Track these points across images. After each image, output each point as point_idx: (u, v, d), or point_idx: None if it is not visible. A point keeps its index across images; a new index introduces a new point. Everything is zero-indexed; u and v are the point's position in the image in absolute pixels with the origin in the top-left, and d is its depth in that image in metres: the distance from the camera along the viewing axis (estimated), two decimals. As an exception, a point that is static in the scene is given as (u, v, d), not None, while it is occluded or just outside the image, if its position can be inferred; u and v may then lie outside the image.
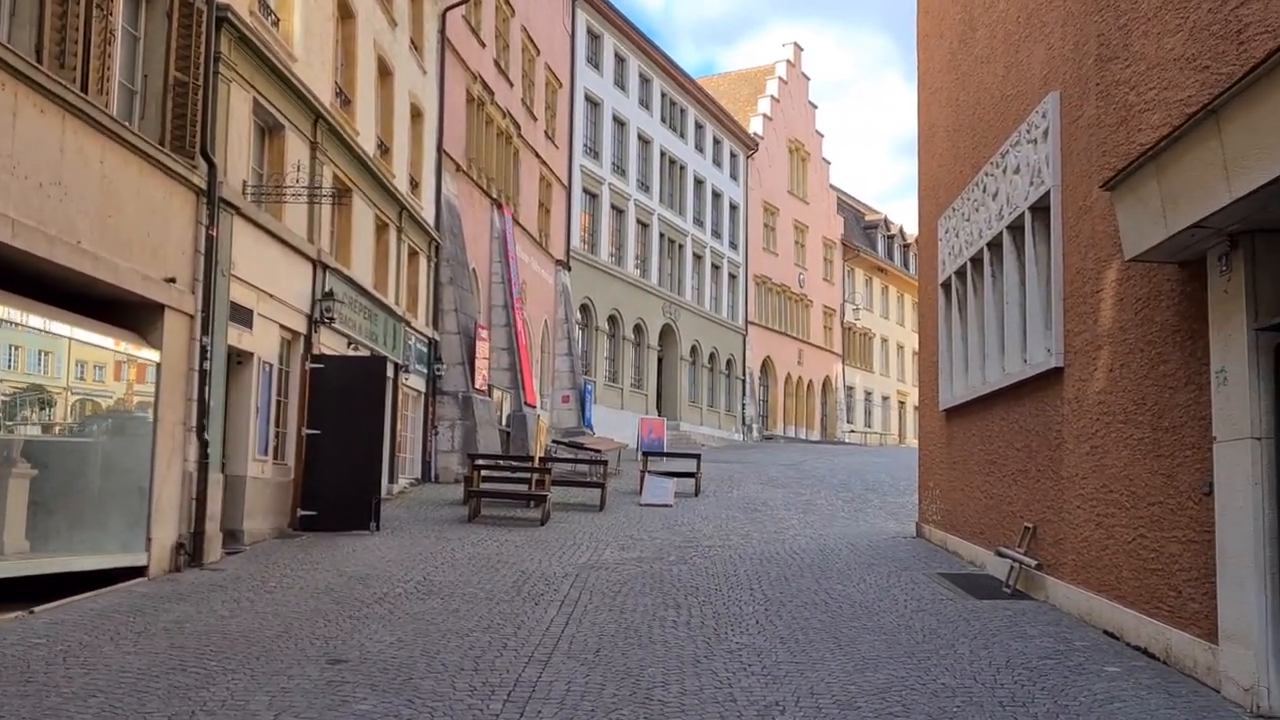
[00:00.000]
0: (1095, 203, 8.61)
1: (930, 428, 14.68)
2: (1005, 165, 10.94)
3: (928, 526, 14.58)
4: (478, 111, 25.72)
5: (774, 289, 52.21)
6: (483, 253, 25.99)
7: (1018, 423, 10.64)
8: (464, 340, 22.87)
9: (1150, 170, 6.48)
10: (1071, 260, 9.16)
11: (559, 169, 33.11)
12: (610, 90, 37.62)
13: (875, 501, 21.35)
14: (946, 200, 13.71)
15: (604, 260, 36.57)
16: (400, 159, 19.70)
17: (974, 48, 12.58)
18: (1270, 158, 5.23)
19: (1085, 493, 8.73)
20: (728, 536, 15.23)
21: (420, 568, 11.61)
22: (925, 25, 15.36)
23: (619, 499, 19.77)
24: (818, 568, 12.08)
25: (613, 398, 36.59)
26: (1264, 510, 6.02)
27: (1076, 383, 9.01)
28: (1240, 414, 6.18)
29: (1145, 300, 7.65)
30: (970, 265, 12.41)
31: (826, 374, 57.67)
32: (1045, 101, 9.71)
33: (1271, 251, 6.14)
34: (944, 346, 13.63)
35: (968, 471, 12.56)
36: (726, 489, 22.55)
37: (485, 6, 26.39)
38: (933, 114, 14.79)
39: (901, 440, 66.17)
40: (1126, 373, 7.95)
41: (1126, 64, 6.71)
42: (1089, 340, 8.76)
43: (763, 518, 17.83)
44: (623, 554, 13.17)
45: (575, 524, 16.17)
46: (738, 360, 48.05)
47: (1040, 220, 10.11)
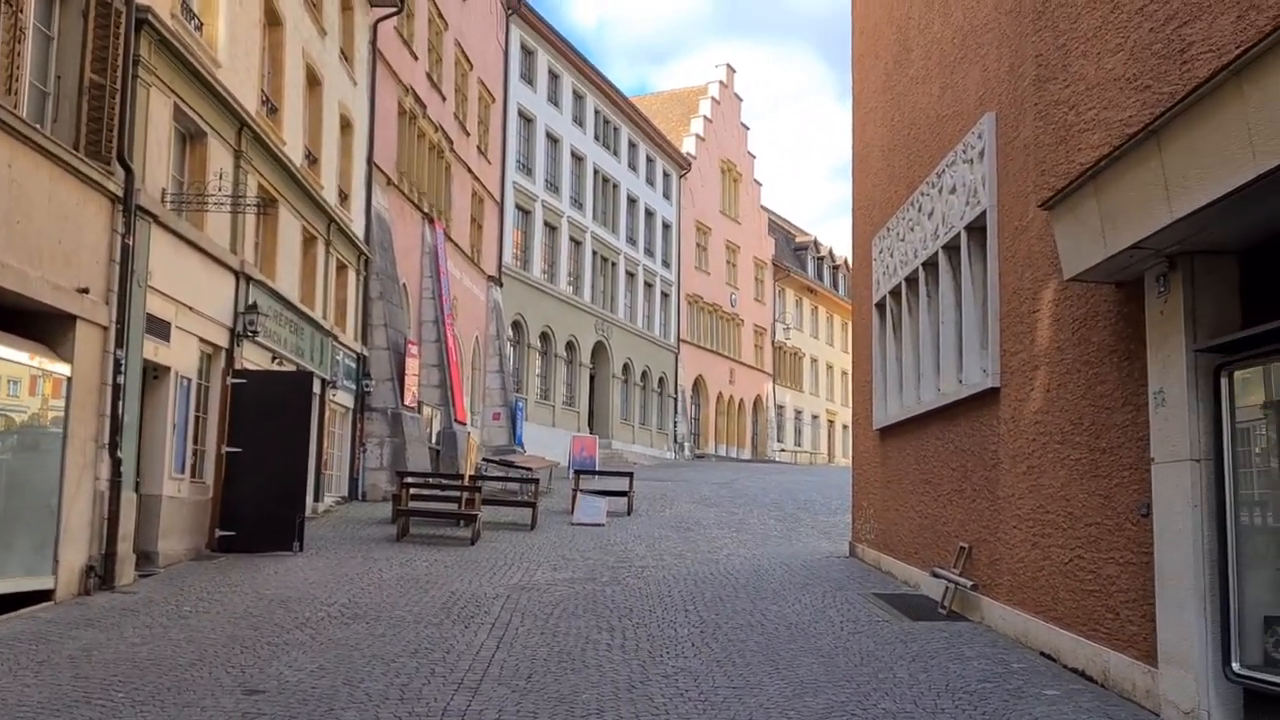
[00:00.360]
0: (1032, 222, 8.60)
1: (864, 447, 14.65)
2: (941, 185, 10.94)
3: (861, 546, 14.53)
4: (409, 124, 25.36)
5: (706, 308, 52.32)
6: (413, 267, 25.59)
7: (953, 442, 10.61)
8: (393, 356, 22.45)
9: (1090, 190, 6.45)
10: (1008, 280, 9.15)
11: (491, 184, 32.81)
12: (544, 107, 37.43)
13: (807, 520, 21.33)
14: (881, 220, 13.72)
15: (536, 277, 36.30)
16: (329, 170, 19.29)
17: (909, 69, 12.62)
18: (1212, 178, 5.20)
19: (1022, 513, 8.69)
20: (661, 556, 15.04)
21: (345, 590, 11.23)
22: (860, 46, 15.42)
23: (551, 518, 19.49)
24: (752, 588, 11.93)
25: (544, 415, 36.28)
26: (1203, 532, 5.98)
27: (1013, 403, 8.99)
28: (1179, 435, 6.15)
29: (1082, 320, 7.63)
30: (905, 285, 12.41)
31: (757, 393, 57.90)
32: (981, 122, 9.72)
33: (1209, 273, 6.13)
34: (878, 366, 13.62)
35: (902, 491, 12.52)
36: (659, 508, 22.38)
37: (418, 19, 26.07)
38: (867, 134, 14.82)
39: (830, 459, 66.67)
40: (1063, 393, 7.93)
41: (1065, 84, 6.69)
42: (1025, 360, 8.74)
43: (696, 537, 17.68)
44: (555, 574, 12.91)
45: (506, 543, 15.86)
46: (670, 378, 48.00)
47: (976, 240, 10.11)
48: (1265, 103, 4.77)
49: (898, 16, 13.25)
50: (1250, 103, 4.88)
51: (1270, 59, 4.69)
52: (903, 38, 12.96)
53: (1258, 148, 4.86)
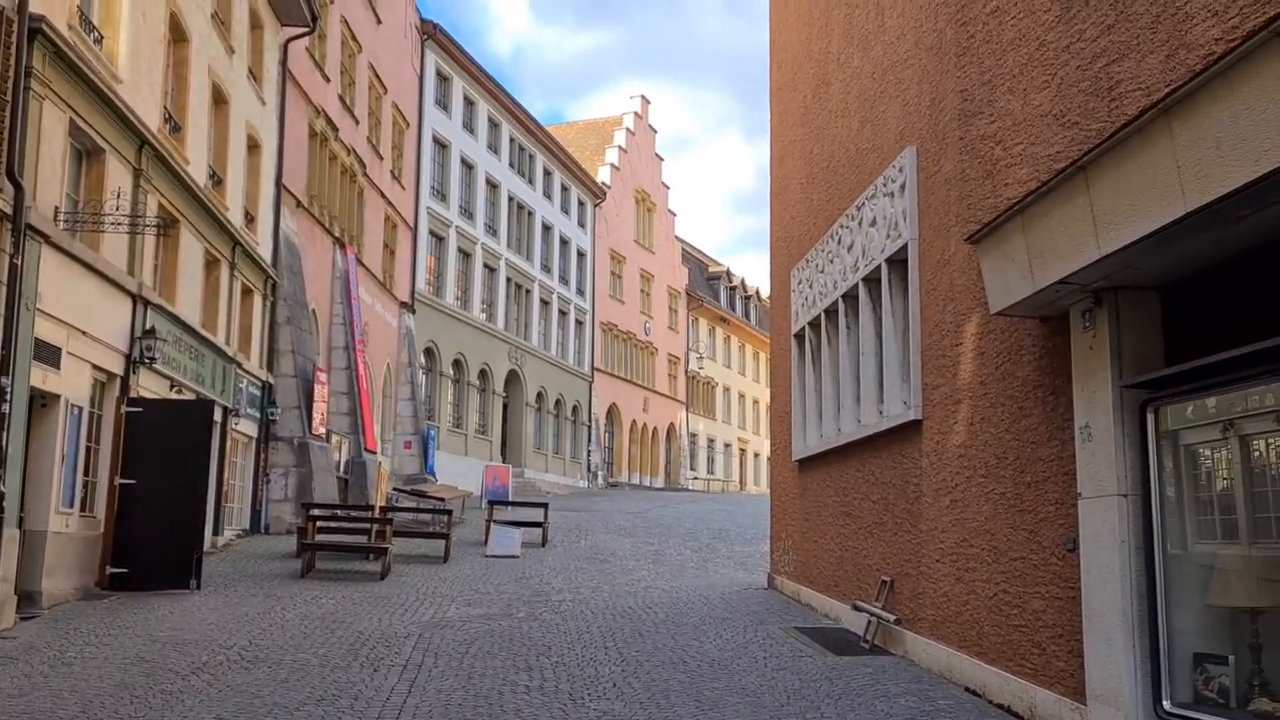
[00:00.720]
0: (954, 256, 8.60)
1: (782, 478, 14.57)
2: (861, 218, 10.94)
3: (780, 578, 14.42)
4: (321, 147, 24.84)
5: (620, 336, 52.24)
6: (323, 293, 24.99)
7: (874, 475, 10.55)
8: (301, 383, 21.82)
9: (1017, 224, 6.42)
10: (930, 313, 9.13)
11: (405, 210, 32.32)
12: (459, 133, 37.09)
13: (723, 551, 21.19)
14: (799, 252, 13.71)
15: (450, 304, 35.82)
16: (235, 191, 18.71)
17: (828, 102, 12.65)
18: (1141, 215, 5.17)
19: (945, 546, 8.63)
20: (578, 589, 14.74)
21: (245, 631, 10.72)
22: (779, 79, 15.46)
23: (464, 550, 19.05)
24: (672, 622, 11.71)
25: (456, 444, 35.71)
26: (1131, 567, 5.94)
27: (936, 435, 8.95)
28: (1106, 471, 6.11)
29: (1006, 355, 7.61)
30: (824, 316, 12.38)
31: (671, 421, 57.91)
32: (903, 156, 9.73)
33: (1134, 309, 6.13)
34: (797, 397, 13.56)
35: (821, 523, 12.44)
36: (574, 538, 22.06)
37: (330, 41, 25.60)
38: (786, 166, 14.84)
39: (742, 487, 66.94)
40: (987, 426, 7.89)
41: (991, 119, 6.69)
42: (948, 393, 8.71)
43: (612, 569, 17.41)
44: (469, 610, 12.53)
45: (418, 577, 15.41)
46: (583, 407, 47.73)
47: (897, 273, 10.10)
48: (1194, 141, 4.75)
49: (816, 51, 13.31)
50: (1180, 141, 4.86)
51: (1201, 98, 4.68)
52: (822, 72, 13.00)
53: (1187, 186, 4.84)
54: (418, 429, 30.63)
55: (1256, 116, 4.34)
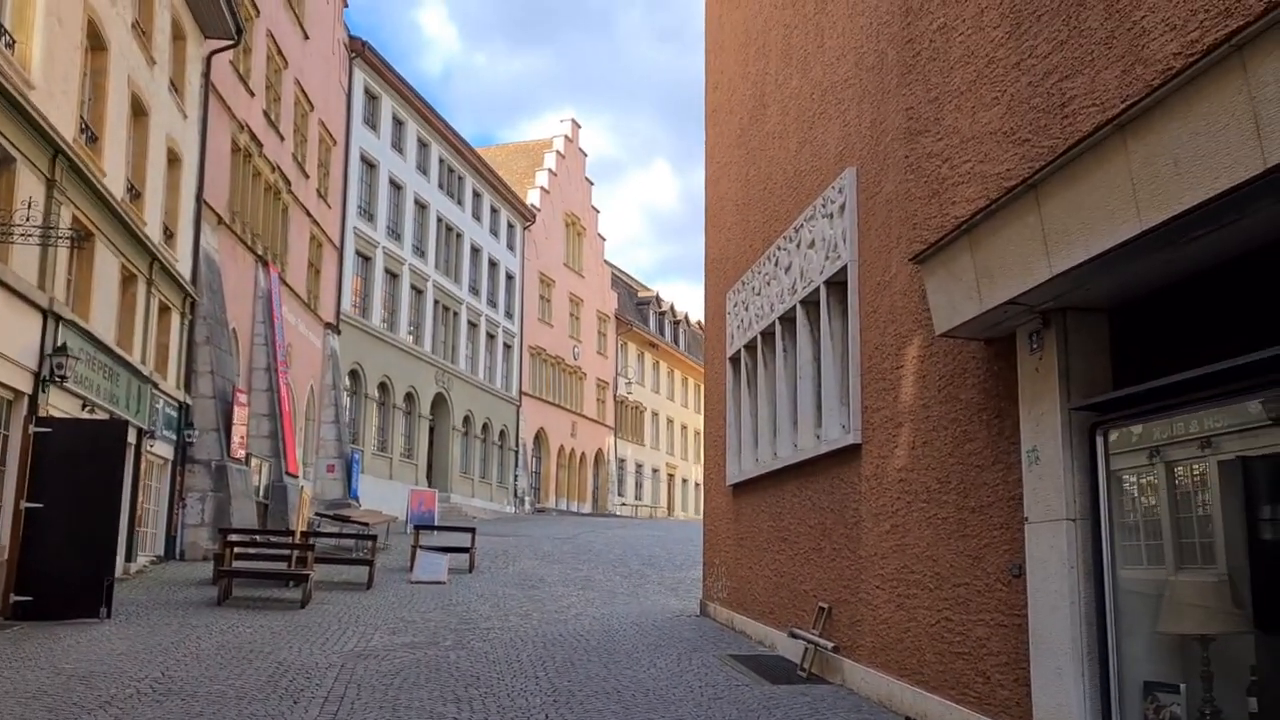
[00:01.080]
0: (895, 278, 8.52)
1: (716, 503, 14.39)
2: (799, 239, 10.85)
3: (713, 605, 14.22)
4: (244, 163, 24.26)
5: (549, 360, 51.89)
6: (245, 312, 24.34)
7: (811, 500, 10.42)
8: (220, 405, 21.16)
9: (964, 244, 6.33)
10: (870, 335, 9.04)
11: (331, 229, 31.73)
12: (387, 153, 36.60)
13: (653, 577, 20.94)
14: (735, 274, 13.60)
15: (376, 325, 35.22)
16: (154, 206, 18.11)
17: (765, 123, 12.58)
18: (1095, 234, 5.09)
19: (885, 573, 8.50)
20: (506, 616, 14.38)
21: (158, 662, 10.21)
22: (714, 100, 15.40)
23: (388, 576, 18.57)
24: (604, 651, 11.43)
25: (381, 468, 35.03)
26: (1080, 594, 5.83)
27: (875, 460, 8.83)
28: (1054, 495, 6.02)
29: (949, 377, 7.52)
30: (761, 339, 12.26)
31: (599, 446, 57.61)
32: (842, 176, 9.66)
33: (1083, 330, 6.06)
34: (732, 421, 13.41)
35: (756, 549, 12.27)
36: (502, 564, 21.67)
37: (256, 55, 25.06)
38: (721, 188, 14.75)
39: (670, 513, 66.78)
40: (930, 450, 7.79)
41: (938, 137, 6.61)
42: (889, 417, 8.60)
43: (541, 595, 17.07)
44: (394, 639, 12.12)
45: (340, 605, 14.92)
46: (511, 431, 47.24)
47: (836, 295, 10.01)
48: (1150, 158, 4.68)
49: (754, 72, 13.26)
50: (1135, 158, 4.78)
51: (1158, 114, 4.61)
52: (759, 93, 12.94)
53: (1142, 203, 4.76)
54: (341, 452, 29.97)
55: (1216, 133, 4.27)
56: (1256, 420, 5.02)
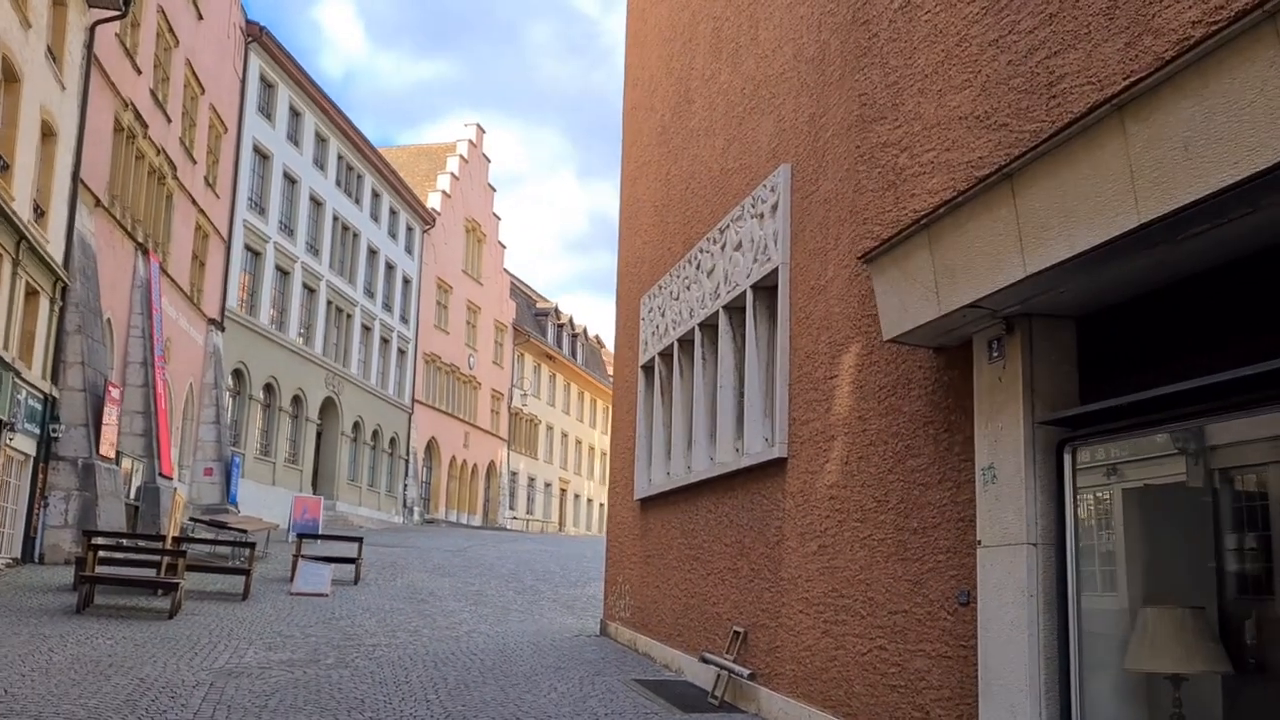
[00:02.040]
0: (832, 281, 8.00)
1: (622, 518, 13.73)
2: (724, 241, 10.30)
3: (614, 625, 13.54)
4: (127, 143, 22.84)
5: (443, 368, 50.70)
6: (121, 302, 22.88)
7: (728, 516, 9.83)
8: (90, 399, 19.74)
9: (922, 240, 5.81)
10: (801, 343, 8.50)
11: (219, 220, 30.28)
12: (282, 144, 35.21)
13: (548, 593, 20.19)
14: (652, 278, 13.01)
15: (264, 324, 33.75)
16: (23, 181, 16.77)
17: (689, 120, 12.04)
18: (1080, 228, 4.60)
19: (811, 596, 7.94)
20: (394, 633, 13.49)
21: (1, 676, 9.12)
22: (633, 97, 14.82)
23: (266, 586, 17.46)
24: (501, 672, 10.67)
25: (263, 473, 33.51)
26: (1039, 624, 5.33)
27: (803, 475, 8.29)
28: (1013, 517, 5.51)
29: (892, 388, 7.00)
30: (678, 346, 11.67)
31: (492, 458, 56.51)
32: (775, 174, 9.14)
33: (1049, 339, 5.58)
34: (642, 432, 12.79)
35: (665, 567, 11.65)
36: (389, 576, 20.67)
37: (145, 30, 23.68)
38: (638, 189, 14.16)
39: (562, 528, 65.91)
40: (866, 466, 7.26)
41: (896, 124, 6.11)
42: (819, 430, 8.07)
43: (431, 610, 16.19)
44: (270, 655, 11.17)
45: (213, 617, 13.85)
46: (402, 439, 45.92)
47: (764, 300, 9.47)
48: (1155, 142, 4.19)
49: (678, 68, 12.71)
50: (1136, 141, 4.30)
51: (1167, 92, 4.13)
52: (683, 89, 12.40)
53: (1142, 193, 4.28)
54: (220, 455, 28.50)
55: (1239, 111, 3.79)
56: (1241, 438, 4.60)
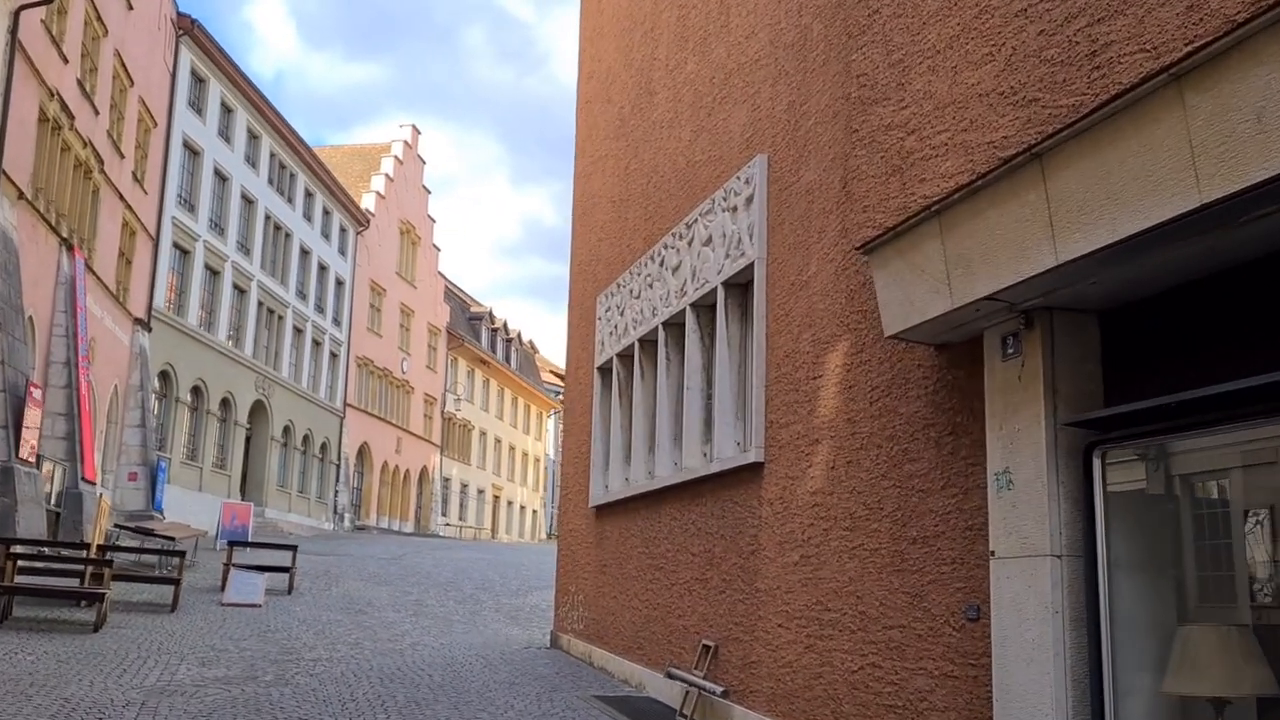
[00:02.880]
0: (815, 277, 7.59)
1: (575, 526, 13.19)
2: (692, 236, 9.85)
3: (567, 636, 13.00)
4: (52, 135, 21.76)
5: (376, 372, 49.67)
6: (44, 299, 21.77)
7: (696, 524, 9.37)
8: (10, 399, 18.63)
9: (933, 228, 5.41)
10: (780, 341, 8.08)
11: (147, 217, 29.15)
12: (213, 141, 34.11)
13: (489, 603, 19.57)
14: (609, 276, 12.52)
15: (192, 325, 32.61)
16: (-62, 168, 15.78)
17: (651, 113, 11.58)
18: (1127, 210, 4.22)
19: (792, 609, 7.50)
20: (334, 646, 12.82)
21: (-96, 703, 8.36)
22: (589, 91, 14.33)
23: (196, 597, 16.63)
24: (452, 689, 10.08)
25: (190, 478, 32.35)
26: (1066, 643, 4.94)
27: (782, 481, 7.85)
28: (1033, 526, 5.12)
29: (886, 388, 6.60)
30: (639, 346, 11.19)
31: (424, 464, 55.54)
32: (750, 165, 8.71)
33: (1070, 335, 5.21)
34: (599, 436, 12.29)
35: (624, 577, 11.15)
36: (324, 585, 19.91)
37: (72, 17, 22.61)
38: (594, 184, 13.66)
39: (495, 536, 65.03)
40: (856, 471, 6.84)
41: (902, 105, 5.71)
42: (800, 433, 7.64)
43: (371, 621, 15.50)
44: (204, 671, 10.47)
45: (141, 630, 13.05)
46: (333, 444, 44.84)
47: (736, 297, 9.04)
48: (1222, 112, 3.82)
49: (639, 59, 12.25)
50: (1197, 114, 3.92)
51: (1236, 57, 3.75)
52: (644, 80, 11.94)
53: (1204, 171, 3.90)
54: (146, 460, 27.36)
55: (1328, 78, 3.43)
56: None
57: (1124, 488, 4.89)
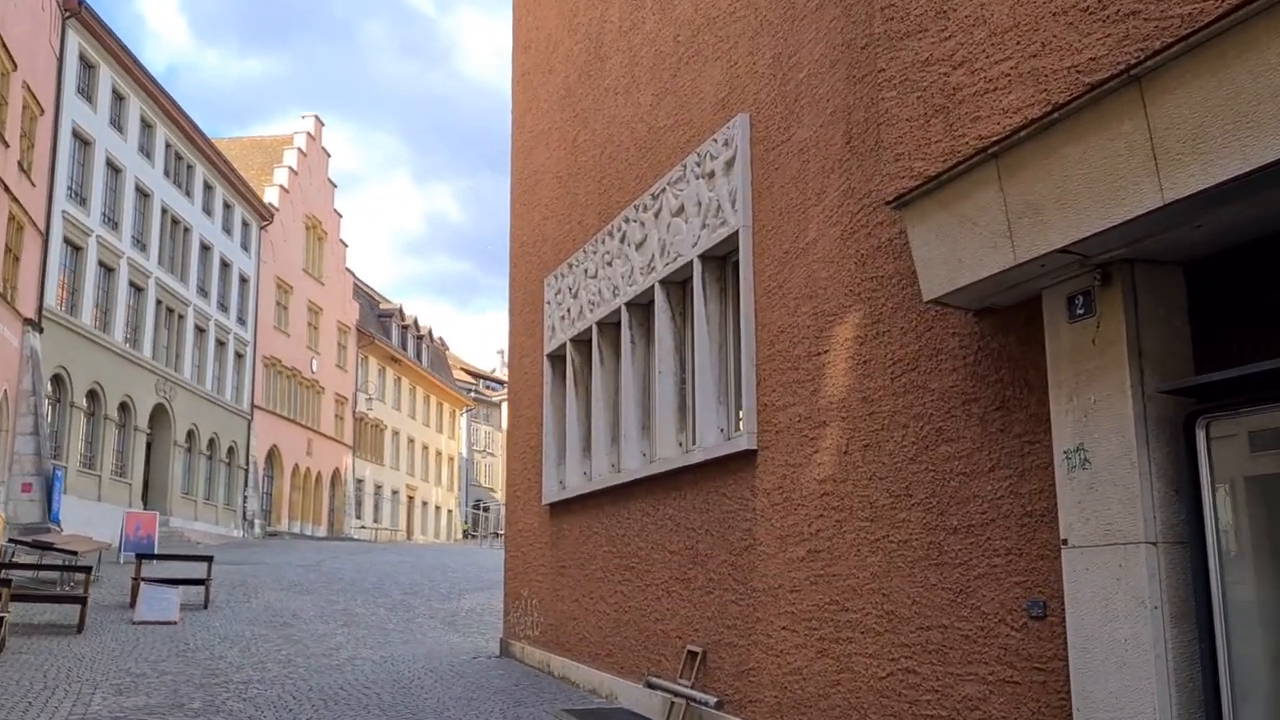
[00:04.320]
0: (815, 243, 6.88)
1: (526, 525, 12.32)
2: (659, 207, 9.08)
3: (519, 644, 12.14)
4: (-74, 118, 20.10)
5: (284, 372, 47.87)
6: (-79, 297, 20.11)
7: (673, 520, 8.61)
8: (-117, 408, 17.10)
9: (988, 174, 4.73)
10: (773, 316, 7.35)
11: (35, 211, 27.31)
12: (105, 130, 32.20)
13: (421, 609, 18.57)
14: (557, 257, 11.69)
15: (86, 324, 30.72)
16: None
17: (603, 79, 10.77)
18: (1268, 132, 3.57)
19: (799, 610, 6.79)
20: (264, 665, 11.76)
21: None
22: (526, 61, 13.44)
23: (105, 615, 15.36)
24: (405, 708, 9.16)
25: (88, 487, 30.49)
26: (1167, 643, 4.30)
27: (780, 469, 7.13)
28: (1120, 510, 4.47)
29: (912, 362, 5.91)
30: (597, 330, 10.38)
31: (336, 465, 53.82)
32: (729, 126, 7.97)
33: (1154, 291, 4.58)
34: (551, 429, 11.45)
35: (586, 579, 10.34)
36: (242, 597, 18.68)
37: (-54, -9, 20.93)
38: (535, 160, 12.79)
39: (410, 537, 63.47)
40: (876, 455, 6.15)
41: (944, 35, 5.03)
42: (802, 415, 6.92)
43: (299, 634, 14.44)
44: (123, 701, 9.39)
45: (45, 655, 11.84)
46: (241, 448, 43.02)
47: (715, 270, 8.30)
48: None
49: (585, 23, 11.42)
50: (1366, 14, 3.28)
51: None
52: (594, 46, 11.12)
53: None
54: (40, 469, 25.61)
55: None
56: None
57: (1240, 464, 4.27)
